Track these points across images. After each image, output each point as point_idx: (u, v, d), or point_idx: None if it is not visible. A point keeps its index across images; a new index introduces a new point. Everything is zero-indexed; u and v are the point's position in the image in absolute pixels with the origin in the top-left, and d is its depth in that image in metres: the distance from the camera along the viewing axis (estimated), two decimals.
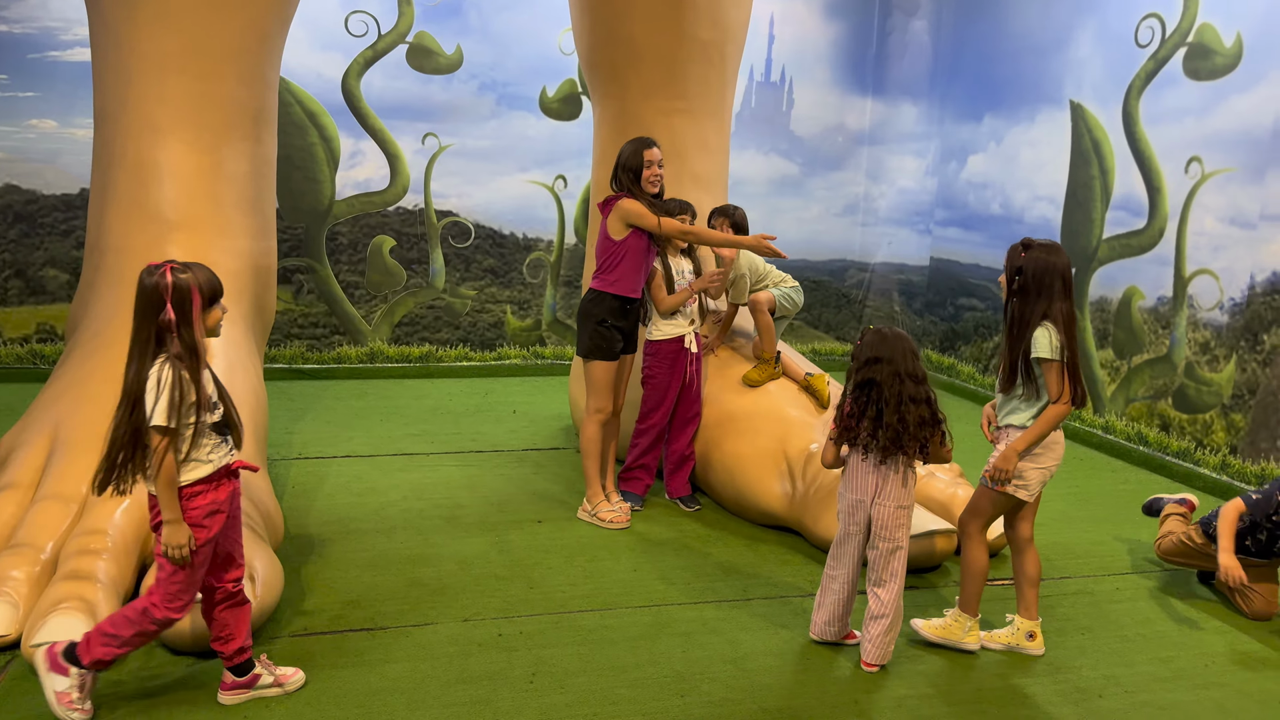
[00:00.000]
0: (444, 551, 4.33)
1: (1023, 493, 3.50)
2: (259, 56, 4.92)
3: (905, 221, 8.65)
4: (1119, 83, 6.39)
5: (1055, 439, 3.48)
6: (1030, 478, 3.48)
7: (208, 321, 2.85)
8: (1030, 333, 3.39)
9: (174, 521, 2.82)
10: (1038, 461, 3.47)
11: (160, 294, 2.73)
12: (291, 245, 7.43)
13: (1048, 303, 3.39)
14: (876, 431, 3.32)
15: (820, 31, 8.41)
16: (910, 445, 3.31)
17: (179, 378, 2.75)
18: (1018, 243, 3.49)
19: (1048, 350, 3.36)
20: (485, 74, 7.63)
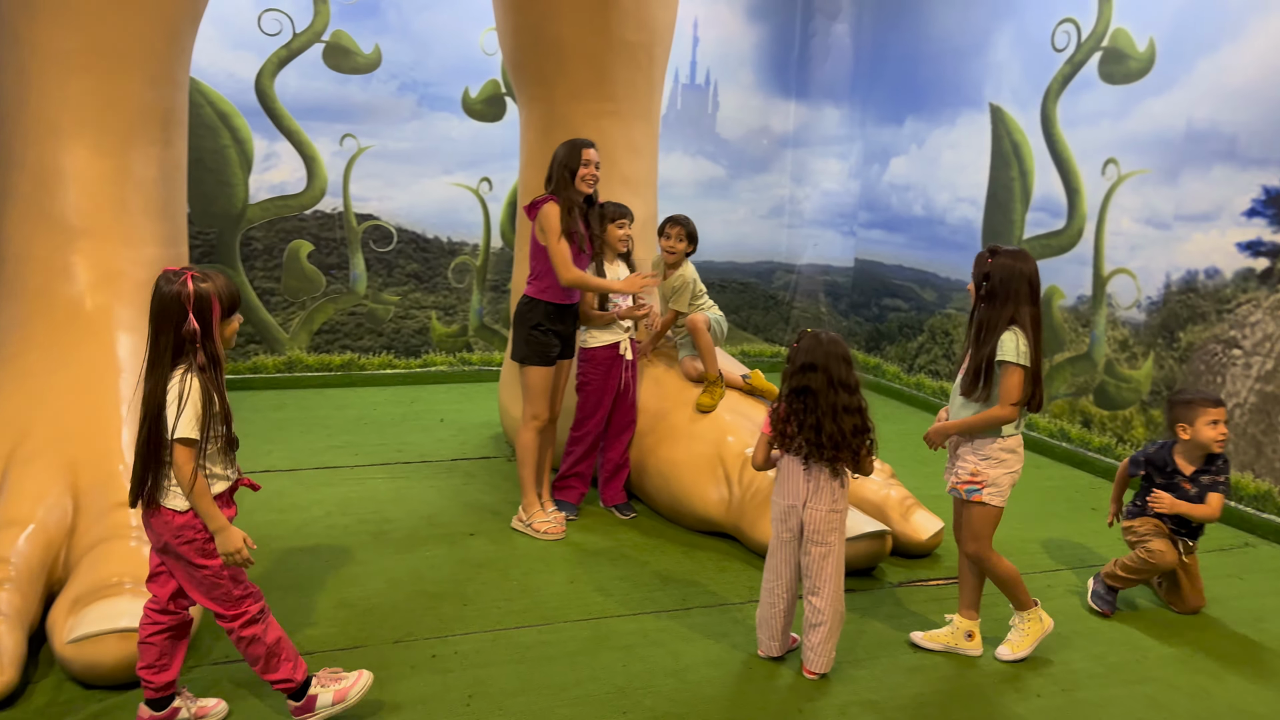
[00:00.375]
0: (372, 569, 4.18)
1: (997, 499, 3.52)
2: (167, 55, 4.69)
3: (830, 223, 8.71)
4: (1037, 86, 6.51)
5: (1020, 443, 3.53)
6: (1003, 484, 3.52)
7: (225, 332, 2.78)
8: (996, 337, 3.39)
9: (222, 529, 2.74)
10: (1007, 467, 3.50)
11: (182, 303, 2.66)
12: (203, 251, 7.15)
13: (1015, 308, 3.40)
14: (809, 438, 3.31)
15: (743, 34, 8.42)
16: (844, 454, 3.31)
17: (205, 389, 2.68)
18: (984, 249, 3.51)
19: (1014, 354, 3.36)
20: (405, 74, 7.44)
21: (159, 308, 2.69)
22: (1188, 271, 5.50)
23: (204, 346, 2.70)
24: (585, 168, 4.47)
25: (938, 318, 7.60)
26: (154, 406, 2.69)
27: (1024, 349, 3.36)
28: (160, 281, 2.71)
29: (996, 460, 3.48)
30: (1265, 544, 4.98)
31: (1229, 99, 5.21)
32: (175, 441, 2.66)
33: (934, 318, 7.63)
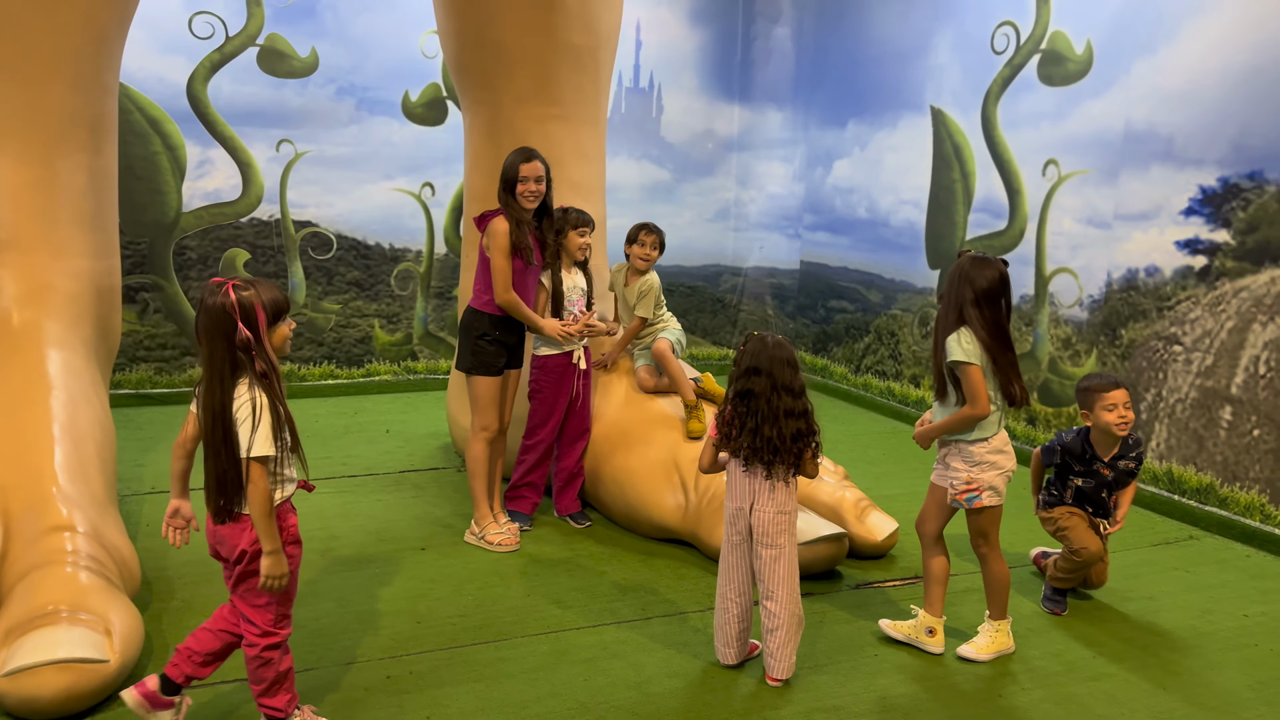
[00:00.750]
0: (320, 588, 4.05)
1: (996, 500, 3.58)
2: (95, 60, 4.52)
3: (775, 226, 8.74)
4: (977, 88, 6.59)
5: (1006, 441, 3.57)
6: (999, 485, 3.57)
7: (274, 339, 2.73)
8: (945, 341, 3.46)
9: (274, 553, 2.73)
10: (998, 469, 3.55)
11: (229, 313, 2.63)
12: (135, 262, 6.92)
13: (960, 309, 3.46)
14: (749, 441, 3.30)
15: (686, 38, 8.40)
16: (786, 458, 3.30)
17: (273, 400, 2.67)
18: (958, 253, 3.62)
19: (960, 354, 3.41)
20: (343, 78, 7.29)
21: (207, 321, 2.65)
22: (1128, 270, 5.60)
23: (261, 354, 2.67)
24: (523, 184, 4.37)
25: (883, 318, 7.65)
26: (223, 419, 2.66)
27: (968, 346, 3.41)
28: (204, 295, 2.68)
29: (987, 465, 3.54)
30: (1209, 536, 5.09)
31: (1166, 100, 5.32)
32: (252, 460, 2.64)
33: (880, 319, 7.69)
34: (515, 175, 4.37)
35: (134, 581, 3.66)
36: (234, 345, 2.63)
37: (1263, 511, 4.92)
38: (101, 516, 3.73)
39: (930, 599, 3.72)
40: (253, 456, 2.63)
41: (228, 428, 2.66)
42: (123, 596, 3.39)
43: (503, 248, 4.33)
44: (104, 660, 3.05)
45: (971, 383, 3.42)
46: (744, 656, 3.53)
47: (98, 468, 3.98)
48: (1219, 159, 5.06)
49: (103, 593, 3.30)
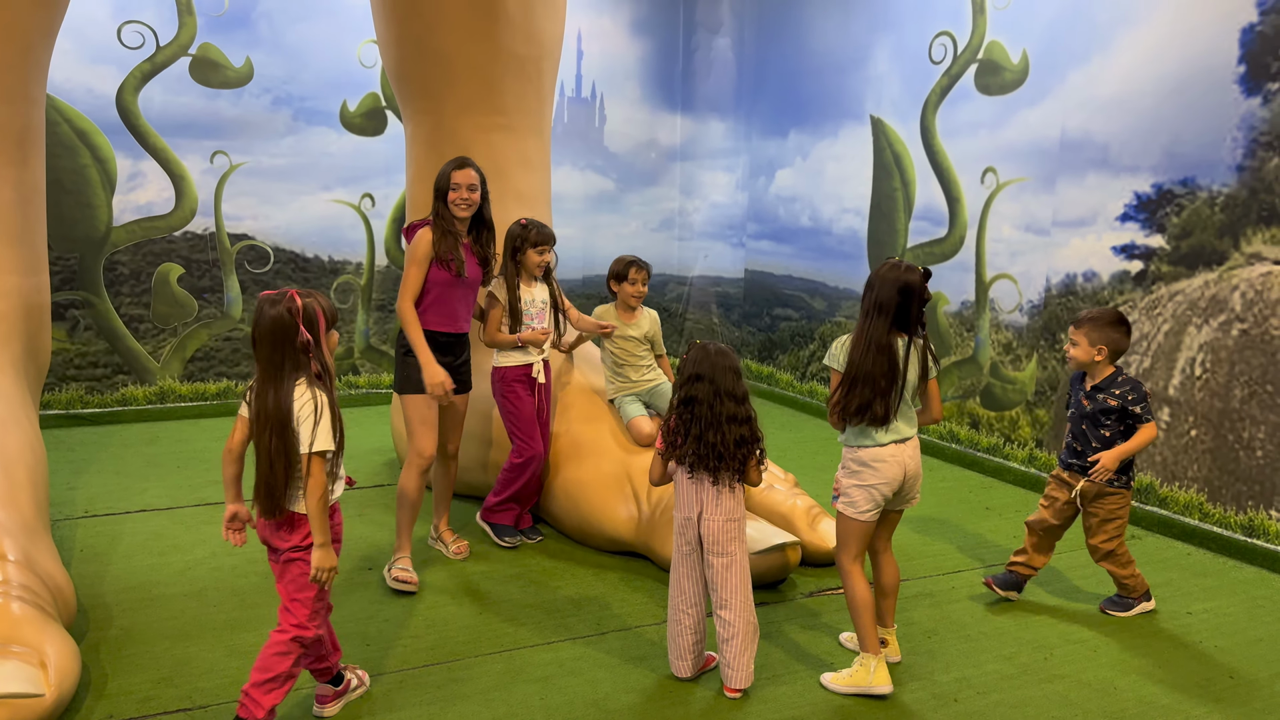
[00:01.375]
0: (265, 613, 3.93)
1: (850, 510, 3.41)
2: (20, 71, 4.36)
3: (720, 235, 8.76)
4: (916, 98, 6.68)
5: (880, 457, 3.37)
6: (855, 496, 3.41)
7: (331, 344, 2.95)
8: None
9: (325, 545, 2.88)
10: (860, 479, 3.40)
11: (293, 317, 2.81)
12: (64, 278, 6.69)
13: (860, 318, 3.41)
14: (698, 449, 3.27)
15: (628, 48, 8.40)
16: (730, 464, 3.28)
17: (332, 398, 2.85)
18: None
19: (829, 357, 3.45)
20: (279, 88, 7.15)
21: (270, 327, 2.80)
22: (1067, 275, 5.71)
23: (316, 357, 2.84)
24: (455, 191, 4.19)
25: (828, 326, 7.71)
26: (278, 419, 2.79)
27: (835, 352, 3.42)
28: (264, 304, 2.83)
29: (848, 470, 3.44)
30: (1150, 535, 5.19)
31: (1101, 109, 5.44)
32: (314, 454, 2.80)
33: (824, 326, 7.74)
34: (447, 184, 4.20)
35: (69, 610, 3.52)
36: (294, 348, 2.80)
37: (1201, 510, 5.04)
38: (34, 543, 3.58)
39: (880, 611, 3.66)
40: (315, 451, 2.80)
41: (284, 428, 2.79)
42: (58, 627, 3.25)
43: (417, 257, 4.17)
44: (39, 694, 2.92)
45: (833, 388, 3.43)
46: (700, 668, 3.50)
47: (29, 493, 3.82)
48: (1153, 166, 5.19)
49: (37, 623, 3.16)
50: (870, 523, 3.43)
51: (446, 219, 4.24)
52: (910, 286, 3.31)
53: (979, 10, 6.17)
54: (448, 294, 4.24)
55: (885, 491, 3.41)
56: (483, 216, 4.37)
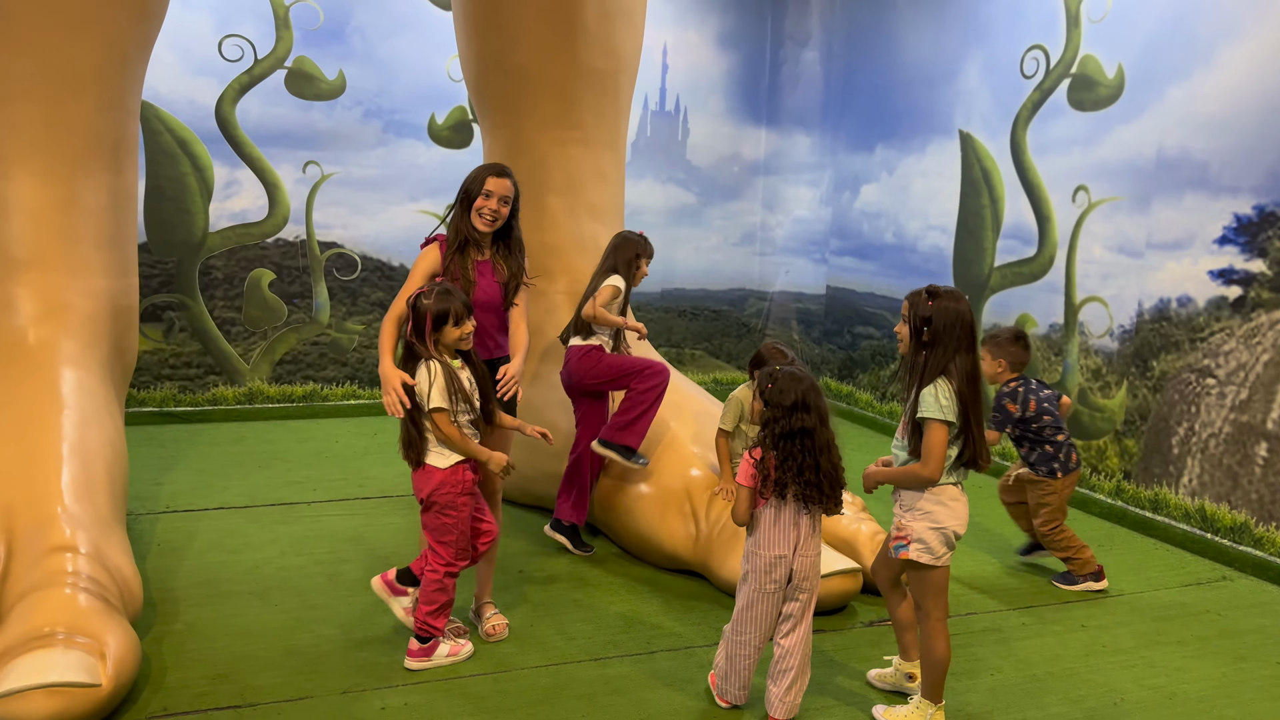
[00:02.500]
0: (324, 614, 4.00)
1: (927, 557, 3.19)
2: (118, 82, 4.56)
3: (801, 250, 8.65)
4: (1006, 113, 6.48)
5: (955, 496, 3.20)
6: (929, 540, 3.18)
7: (447, 338, 3.45)
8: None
9: (488, 458, 3.53)
10: (934, 521, 3.18)
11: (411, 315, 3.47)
12: (162, 280, 6.98)
13: (950, 356, 3.14)
14: (810, 480, 3.11)
15: (713, 62, 8.37)
16: (838, 493, 3.17)
17: (447, 371, 3.44)
18: (921, 290, 3.24)
19: (935, 410, 3.11)
20: (370, 100, 7.33)
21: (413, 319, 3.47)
22: (1160, 300, 5.45)
23: (421, 348, 3.45)
24: (486, 199, 3.76)
25: None
26: (410, 393, 3.46)
27: (945, 403, 3.10)
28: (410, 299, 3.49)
29: (920, 513, 3.19)
30: (1243, 578, 4.90)
31: (1201, 126, 5.18)
32: (431, 411, 3.42)
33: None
34: (478, 189, 3.77)
35: (135, 604, 3.64)
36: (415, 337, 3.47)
37: None
38: (105, 537, 3.72)
39: (903, 646, 3.54)
40: (431, 409, 3.42)
41: (411, 394, 3.45)
42: (121, 619, 3.36)
43: (418, 272, 3.79)
44: (96, 685, 3.02)
45: (932, 443, 3.11)
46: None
47: (105, 488, 3.98)
48: (1255, 186, 4.91)
49: (101, 615, 3.27)
50: (947, 568, 3.25)
51: (466, 226, 3.80)
52: (968, 314, 3.19)
53: (1073, 23, 5.95)
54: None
55: (960, 532, 3.23)
56: (509, 232, 3.92)
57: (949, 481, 3.20)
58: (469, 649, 3.69)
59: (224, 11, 6.86)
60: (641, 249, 4.71)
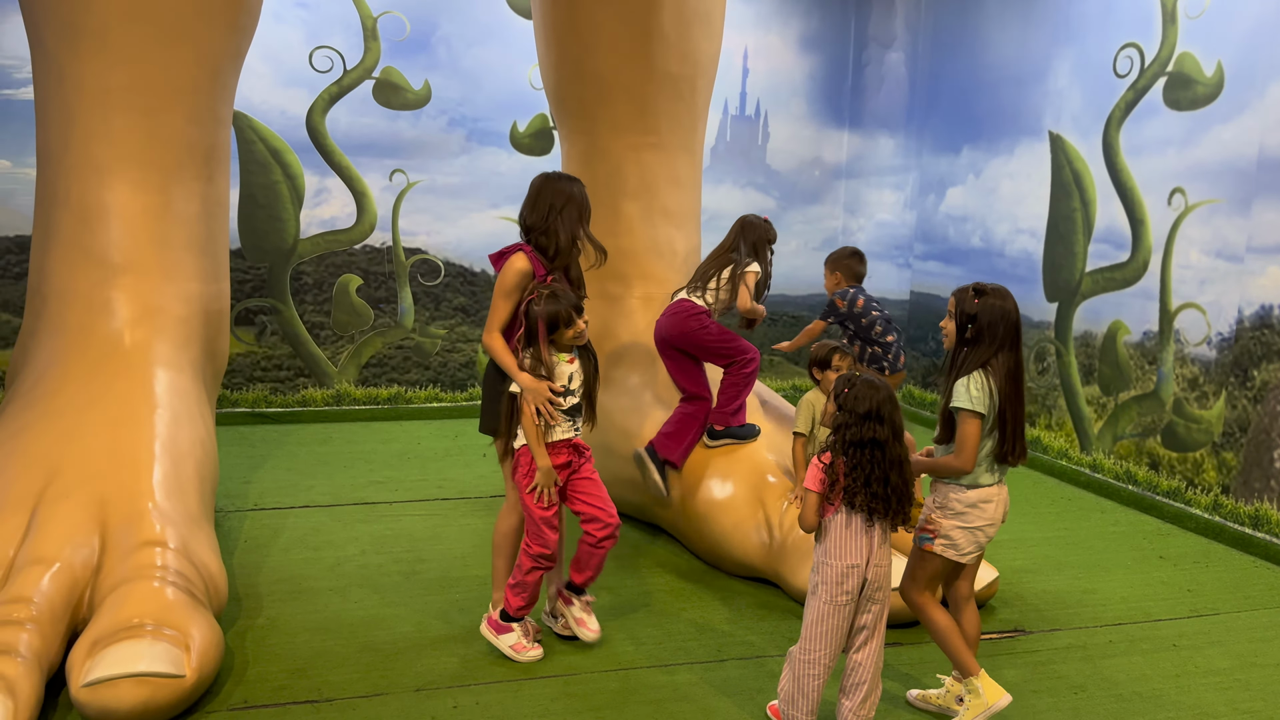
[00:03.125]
0: (401, 612, 4.08)
1: (951, 553, 3.25)
2: (210, 93, 4.72)
3: (885, 255, 8.51)
4: (1099, 113, 6.27)
5: (987, 498, 3.24)
6: (956, 538, 3.25)
7: (561, 338, 3.62)
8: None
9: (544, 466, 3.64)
10: (964, 521, 3.24)
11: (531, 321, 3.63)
12: (254, 285, 7.21)
13: (992, 352, 3.20)
14: (877, 492, 3.05)
15: (795, 64, 8.30)
16: (909, 508, 3.10)
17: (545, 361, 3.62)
18: (968, 287, 3.29)
19: (965, 400, 3.17)
20: (454, 109, 7.46)
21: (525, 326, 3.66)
22: (1262, 306, 5.20)
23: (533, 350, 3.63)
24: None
25: None
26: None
27: (977, 394, 3.15)
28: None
29: (952, 512, 3.25)
30: None
31: None
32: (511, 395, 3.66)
33: None
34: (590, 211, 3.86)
35: (220, 599, 3.76)
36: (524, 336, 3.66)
37: None
38: (194, 533, 3.85)
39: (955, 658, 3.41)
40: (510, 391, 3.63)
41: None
42: (206, 613, 3.48)
43: (507, 288, 3.70)
44: (180, 675, 3.13)
45: (965, 434, 3.16)
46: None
47: (195, 485, 4.12)
48: None
49: (186, 609, 3.39)
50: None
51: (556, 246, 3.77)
52: (1014, 312, 3.23)
53: (1169, 20, 5.73)
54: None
55: (990, 534, 3.30)
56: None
57: (987, 482, 3.24)
58: (532, 655, 3.69)
59: (314, 24, 7.06)
60: (766, 232, 4.77)
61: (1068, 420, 6.56)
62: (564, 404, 3.64)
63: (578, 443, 3.74)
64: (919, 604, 3.37)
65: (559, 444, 3.67)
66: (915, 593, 3.37)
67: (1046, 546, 5.17)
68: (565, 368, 3.66)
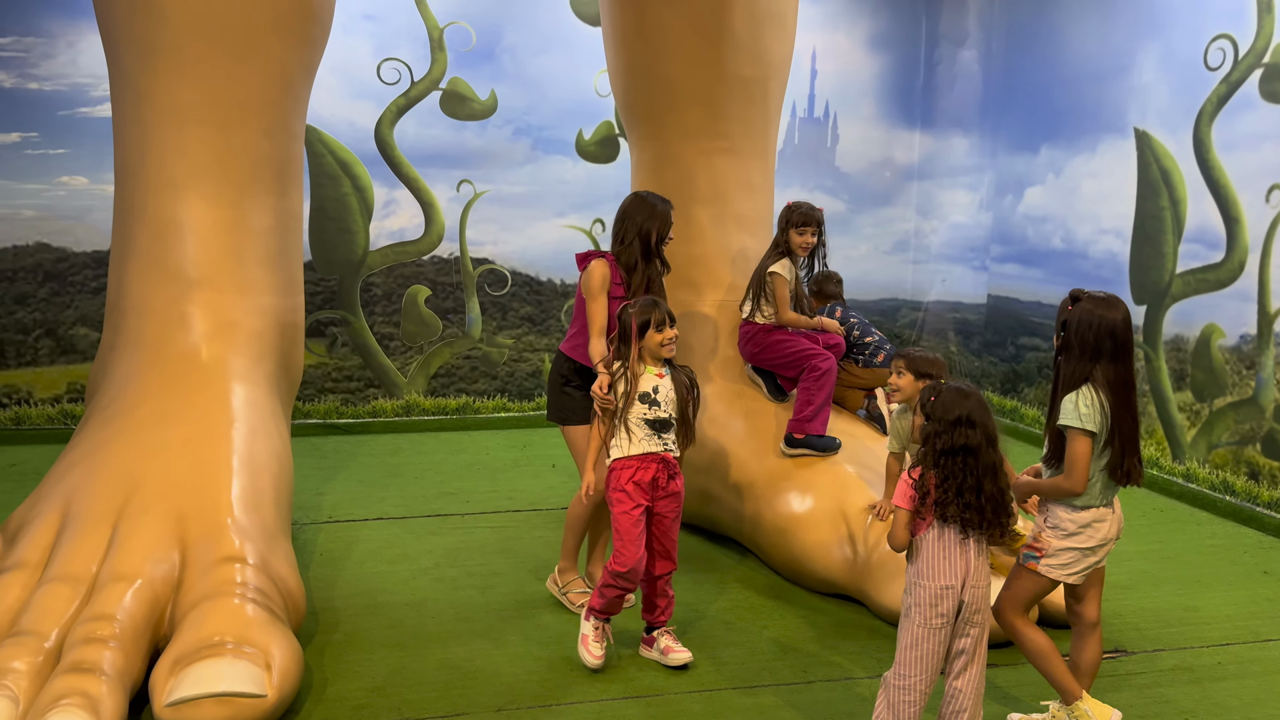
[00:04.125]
0: (477, 627, 4.02)
1: (1056, 573, 3.09)
2: (282, 107, 4.73)
3: (960, 258, 8.28)
4: (1188, 109, 6.02)
5: (1101, 517, 3.08)
6: (1065, 559, 3.09)
7: (649, 343, 3.63)
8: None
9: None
10: (1076, 541, 3.08)
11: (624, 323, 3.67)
12: (325, 298, 7.25)
13: (1091, 364, 3.03)
14: (970, 502, 2.90)
15: (865, 65, 8.13)
16: (1004, 518, 2.94)
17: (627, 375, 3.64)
18: (1070, 293, 3.16)
19: (1074, 418, 3.00)
20: (520, 119, 7.44)
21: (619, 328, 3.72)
22: None
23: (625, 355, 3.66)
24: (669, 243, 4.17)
25: None
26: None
27: (1086, 411, 2.98)
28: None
29: (1064, 533, 3.09)
30: None
31: None
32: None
33: None
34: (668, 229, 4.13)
35: (298, 614, 3.73)
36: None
37: None
38: (272, 548, 3.83)
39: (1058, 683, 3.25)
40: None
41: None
42: (286, 630, 3.45)
43: (594, 289, 4.03)
44: (262, 695, 3.10)
45: (1075, 453, 3.00)
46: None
47: (272, 500, 4.11)
48: None
49: (267, 626, 3.37)
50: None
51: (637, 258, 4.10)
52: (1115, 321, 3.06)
53: (1265, 9, 5.47)
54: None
55: (1102, 555, 3.12)
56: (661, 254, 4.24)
57: (1098, 503, 3.08)
58: (590, 657, 3.67)
59: (381, 36, 7.09)
60: (789, 215, 4.69)
61: (1158, 428, 6.30)
62: (647, 413, 3.61)
63: (669, 459, 3.68)
64: (1014, 625, 3.22)
65: (648, 457, 3.63)
66: (1011, 613, 3.22)
67: (1141, 561, 4.94)
68: (651, 378, 3.64)
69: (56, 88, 6.60)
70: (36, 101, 6.57)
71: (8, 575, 3.57)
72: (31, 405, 6.82)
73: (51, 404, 6.85)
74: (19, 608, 3.44)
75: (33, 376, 6.79)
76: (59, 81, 6.60)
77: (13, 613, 3.42)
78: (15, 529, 3.93)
